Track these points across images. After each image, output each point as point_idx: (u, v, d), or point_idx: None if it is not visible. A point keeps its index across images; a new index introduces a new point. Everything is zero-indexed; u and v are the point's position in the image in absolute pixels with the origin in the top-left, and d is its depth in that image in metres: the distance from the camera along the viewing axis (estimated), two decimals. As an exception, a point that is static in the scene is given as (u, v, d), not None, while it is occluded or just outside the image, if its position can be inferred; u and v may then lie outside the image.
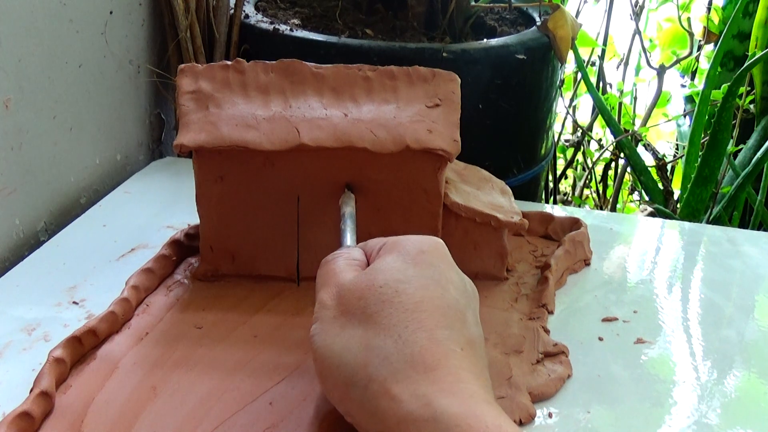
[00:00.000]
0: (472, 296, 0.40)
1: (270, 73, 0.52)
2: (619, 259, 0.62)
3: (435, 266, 0.39)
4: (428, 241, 0.40)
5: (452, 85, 0.53)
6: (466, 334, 0.36)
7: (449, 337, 0.35)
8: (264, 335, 0.48)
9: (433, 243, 0.40)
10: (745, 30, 1.12)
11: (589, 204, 1.40)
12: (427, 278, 0.38)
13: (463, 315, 0.37)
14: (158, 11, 0.77)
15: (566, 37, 0.83)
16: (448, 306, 0.37)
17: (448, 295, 0.37)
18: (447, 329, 0.36)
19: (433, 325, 0.35)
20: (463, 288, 0.39)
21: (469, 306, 0.39)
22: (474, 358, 0.36)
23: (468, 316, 0.38)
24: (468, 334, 0.36)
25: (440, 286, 0.37)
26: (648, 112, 1.23)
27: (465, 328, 0.37)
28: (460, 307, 0.37)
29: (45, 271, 0.55)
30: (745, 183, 0.92)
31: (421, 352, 0.34)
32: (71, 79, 0.64)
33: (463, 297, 0.38)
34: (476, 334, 0.38)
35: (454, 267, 0.40)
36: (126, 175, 0.73)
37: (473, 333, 0.37)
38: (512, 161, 0.85)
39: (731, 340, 0.51)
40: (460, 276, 0.40)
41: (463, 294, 0.38)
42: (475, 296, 0.40)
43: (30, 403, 0.39)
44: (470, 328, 0.37)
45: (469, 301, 0.39)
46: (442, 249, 0.40)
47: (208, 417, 0.41)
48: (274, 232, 0.52)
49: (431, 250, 0.40)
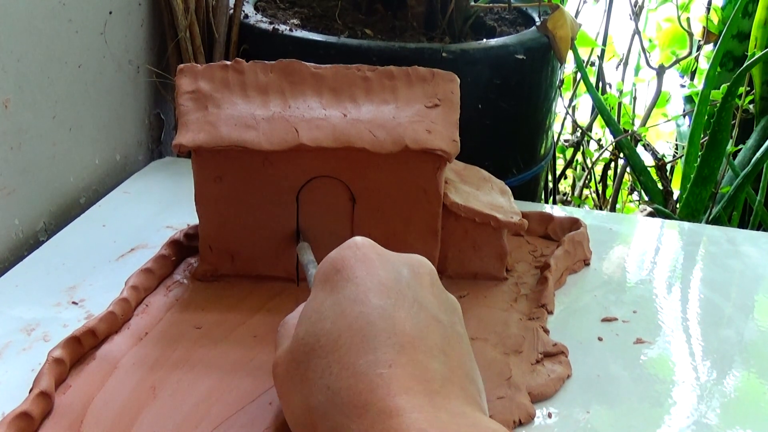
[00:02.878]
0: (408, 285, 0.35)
1: (269, 73, 0.52)
2: (618, 259, 0.62)
3: (351, 280, 0.35)
4: (341, 254, 0.37)
5: (451, 85, 0.53)
6: (395, 341, 0.33)
7: (372, 362, 0.32)
8: (263, 335, 0.48)
9: (347, 252, 0.37)
10: (744, 30, 1.12)
11: (588, 204, 1.40)
12: (343, 302, 0.34)
13: (390, 321, 0.33)
14: (157, 11, 0.77)
15: (566, 37, 0.83)
16: (368, 323, 0.33)
17: (368, 309, 0.34)
18: (369, 353, 0.32)
19: (354, 357, 0.32)
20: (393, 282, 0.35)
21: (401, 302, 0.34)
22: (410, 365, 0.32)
23: (398, 317, 0.34)
24: (399, 338, 0.33)
25: (357, 302, 0.34)
26: (647, 112, 1.23)
27: (393, 335, 0.33)
28: (385, 314, 0.34)
29: (44, 271, 0.55)
30: (744, 183, 0.92)
31: (349, 395, 0.31)
32: (70, 79, 0.64)
33: (390, 297, 0.34)
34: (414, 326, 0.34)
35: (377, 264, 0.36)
36: (125, 175, 0.73)
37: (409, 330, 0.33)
38: (512, 161, 0.85)
39: (731, 340, 0.51)
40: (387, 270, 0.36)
41: (390, 293, 0.35)
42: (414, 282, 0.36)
43: (29, 403, 0.39)
44: (403, 329, 0.33)
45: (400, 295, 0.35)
46: (360, 251, 0.37)
47: (207, 417, 0.41)
48: (273, 232, 0.52)
49: (345, 262, 0.36)
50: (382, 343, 0.33)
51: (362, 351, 0.32)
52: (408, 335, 0.33)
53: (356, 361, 0.32)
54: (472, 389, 0.34)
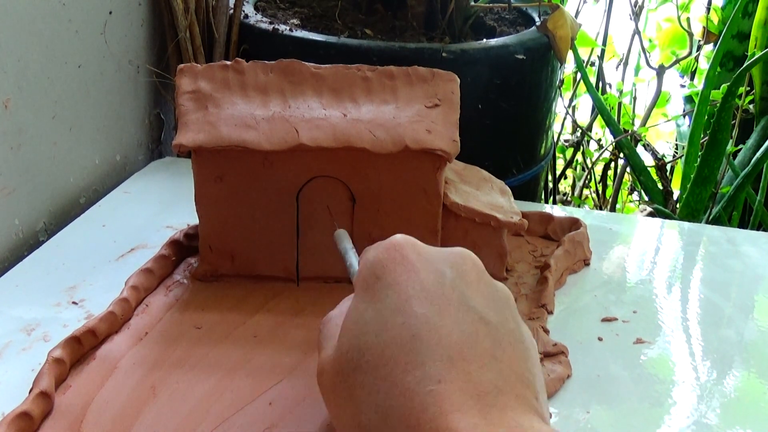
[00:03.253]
0: (452, 286, 0.34)
1: (269, 73, 0.52)
2: (618, 259, 0.62)
3: (391, 287, 0.34)
4: (380, 257, 0.35)
5: (451, 85, 0.53)
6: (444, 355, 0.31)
7: (421, 378, 0.31)
8: (263, 335, 0.48)
9: (385, 255, 0.35)
10: (744, 30, 1.12)
11: (588, 204, 1.40)
12: (384, 312, 0.33)
13: (435, 331, 0.32)
14: (157, 11, 0.77)
15: (566, 37, 0.83)
16: (412, 335, 0.32)
17: (411, 320, 0.32)
18: (417, 368, 0.31)
19: (401, 374, 0.31)
20: (436, 286, 0.34)
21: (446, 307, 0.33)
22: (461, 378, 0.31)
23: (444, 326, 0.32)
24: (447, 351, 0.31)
25: (400, 312, 0.33)
26: (647, 112, 1.23)
27: (440, 347, 0.31)
28: (430, 323, 0.32)
29: (44, 271, 0.55)
30: (744, 183, 0.92)
31: (400, 416, 0.30)
32: (71, 79, 0.64)
33: (435, 302, 0.33)
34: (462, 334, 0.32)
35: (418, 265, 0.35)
36: (125, 175, 0.73)
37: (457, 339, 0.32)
38: (512, 161, 0.85)
39: (730, 340, 0.51)
40: (429, 272, 0.34)
41: (434, 298, 0.33)
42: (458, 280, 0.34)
43: (29, 403, 0.39)
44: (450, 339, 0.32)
45: (445, 298, 0.33)
46: (399, 253, 0.35)
47: (207, 417, 0.41)
48: (273, 232, 0.52)
49: (384, 266, 0.35)
50: (429, 356, 0.31)
51: (409, 366, 0.31)
52: (455, 345, 0.32)
53: (404, 378, 0.31)
54: (528, 394, 0.32)
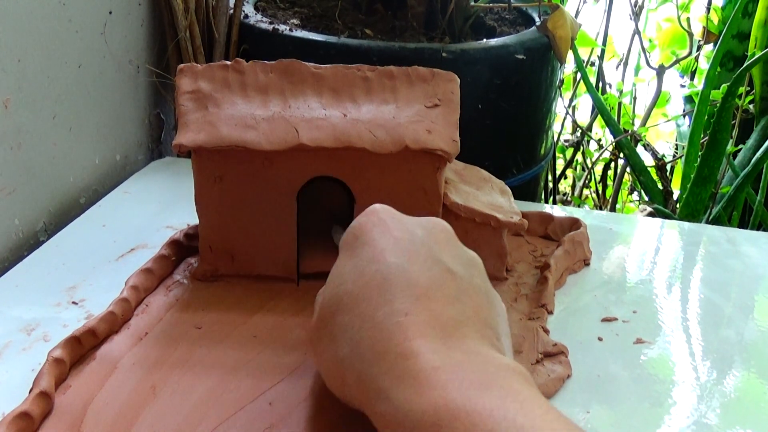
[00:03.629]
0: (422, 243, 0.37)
1: (269, 73, 0.52)
2: (618, 259, 0.62)
3: (368, 243, 0.38)
4: (360, 221, 0.39)
5: (451, 85, 0.53)
6: (410, 293, 0.35)
7: (390, 312, 0.34)
8: (263, 335, 0.48)
9: (364, 219, 0.39)
10: (744, 30, 1.12)
11: (588, 204, 1.40)
12: (360, 264, 0.37)
13: (405, 276, 0.35)
14: (158, 11, 0.77)
15: (566, 37, 0.83)
16: (384, 278, 0.35)
17: (383, 267, 0.36)
18: (386, 305, 0.34)
19: (372, 310, 0.35)
20: (407, 242, 0.37)
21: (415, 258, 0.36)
22: (426, 312, 0.34)
23: (412, 272, 0.35)
24: (413, 290, 0.35)
25: (374, 261, 0.36)
26: (647, 112, 1.23)
27: (408, 288, 0.35)
28: (400, 269, 0.36)
29: (44, 271, 0.55)
30: (744, 183, 0.92)
31: (370, 345, 0.34)
32: (71, 79, 0.64)
33: (404, 255, 0.36)
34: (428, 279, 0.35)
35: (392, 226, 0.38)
36: (125, 175, 0.73)
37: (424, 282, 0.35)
38: (512, 161, 0.85)
39: (731, 340, 0.51)
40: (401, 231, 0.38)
41: (403, 252, 0.37)
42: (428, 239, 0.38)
43: (29, 403, 0.39)
44: (417, 282, 0.35)
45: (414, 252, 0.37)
46: (377, 216, 0.39)
47: (207, 417, 0.41)
48: (273, 232, 0.52)
49: (363, 227, 0.39)
50: (398, 295, 0.35)
51: (380, 304, 0.35)
52: (422, 287, 0.35)
53: (375, 314, 0.34)
54: (489, 333, 0.35)
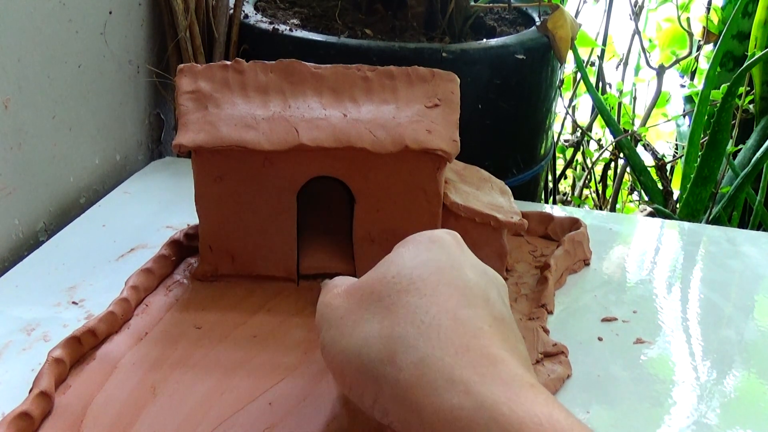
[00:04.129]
0: (494, 280, 0.38)
1: (269, 73, 0.52)
2: (618, 259, 0.62)
3: (448, 251, 0.37)
4: (438, 232, 0.39)
5: (451, 85, 0.53)
6: (491, 312, 0.34)
7: (474, 316, 0.33)
8: (263, 335, 0.48)
9: (444, 233, 0.39)
10: (744, 30, 1.12)
11: (588, 204, 1.40)
12: (441, 262, 0.36)
13: (485, 294, 0.35)
14: (158, 11, 0.77)
15: (566, 37, 0.83)
16: (466, 286, 0.35)
17: (466, 277, 0.36)
18: (469, 308, 0.34)
19: (454, 305, 0.34)
20: (482, 271, 0.38)
21: (491, 287, 0.37)
22: (504, 335, 0.34)
23: (491, 295, 0.36)
24: (494, 311, 0.35)
25: (455, 269, 0.36)
26: (647, 112, 1.23)
27: (489, 306, 0.35)
28: (481, 286, 0.36)
29: (44, 271, 0.55)
30: (744, 183, 0.92)
31: (448, 334, 0.32)
32: (70, 79, 0.64)
33: (483, 278, 0.37)
34: (504, 312, 0.36)
35: (470, 253, 0.39)
36: (125, 175, 0.73)
37: (500, 311, 0.35)
38: (512, 161, 0.85)
39: (731, 340, 0.51)
40: (477, 262, 0.38)
41: (482, 275, 0.37)
42: (497, 281, 0.38)
43: (29, 403, 0.39)
44: (495, 306, 0.35)
45: (491, 282, 0.37)
46: (454, 238, 0.39)
47: (207, 417, 0.41)
48: (273, 232, 0.52)
49: (442, 238, 0.38)
50: (480, 307, 0.34)
51: (463, 305, 0.34)
52: (499, 314, 0.35)
53: (458, 310, 0.33)
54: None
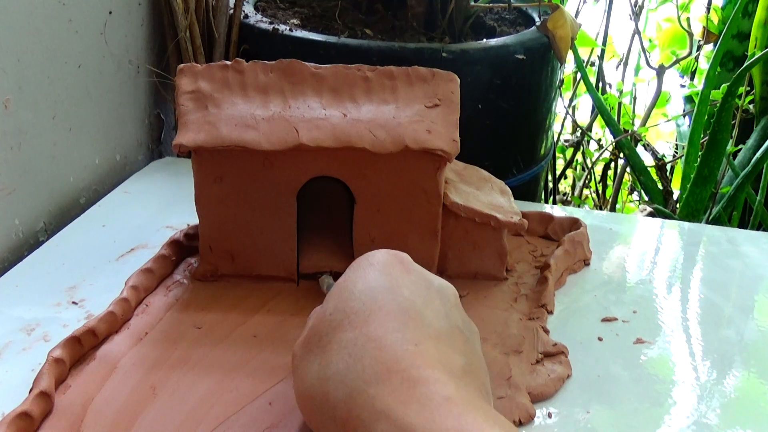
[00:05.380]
0: (437, 293, 0.38)
1: (269, 73, 0.52)
2: (618, 260, 0.62)
3: (386, 273, 0.37)
4: (377, 254, 0.39)
5: (451, 85, 0.53)
6: (423, 331, 0.34)
7: (400, 339, 0.34)
8: (263, 335, 0.48)
9: (384, 253, 0.39)
10: (744, 30, 1.12)
11: (588, 204, 1.40)
12: (376, 288, 0.36)
13: (419, 314, 0.35)
14: (158, 11, 0.77)
15: (566, 37, 0.83)
16: (399, 309, 0.35)
17: (400, 299, 0.36)
18: (398, 331, 0.34)
19: (382, 333, 0.34)
20: (423, 287, 0.38)
21: (431, 301, 0.37)
22: (435, 350, 0.34)
23: (426, 314, 0.36)
24: (427, 330, 0.35)
25: (390, 291, 0.36)
26: (647, 112, 1.23)
27: (422, 326, 0.35)
28: (415, 307, 0.36)
29: (44, 271, 0.55)
30: (744, 183, 0.92)
31: (372, 363, 0.33)
32: (70, 79, 0.64)
33: (421, 296, 0.37)
34: (444, 324, 0.36)
35: (412, 271, 0.38)
36: (125, 175, 0.73)
37: (437, 327, 0.35)
38: (512, 161, 0.85)
39: (731, 340, 0.51)
40: (419, 276, 0.38)
41: (420, 293, 0.37)
42: (443, 291, 0.38)
43: (29, 403, 0.39)
44: (431, 324, 0.35)
45: (429, 297, 0.37)
46: (395, 256, 0.39)
47: (207, 417, 0.41)
48: (273, 232, 0.52)
49: (380, 260, 0.38)
50: (411, 327, 0.34)
51: (391, 329, 0.34)
52: (434, 330, 0.35)
53: (384, 336, 0.34)
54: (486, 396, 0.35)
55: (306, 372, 0.36)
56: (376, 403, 0.31)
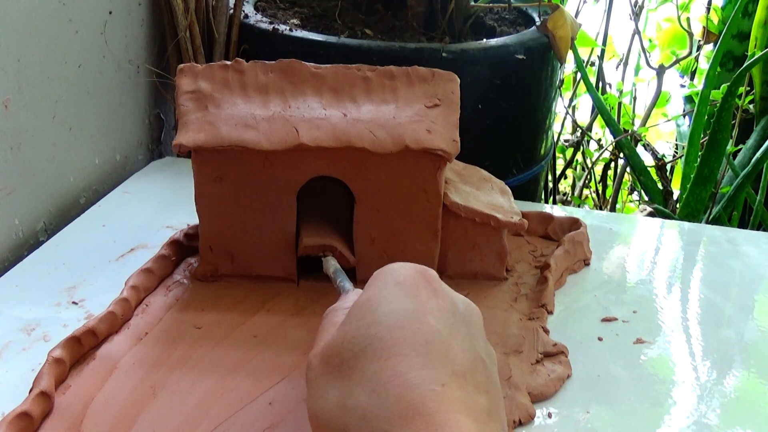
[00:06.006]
0: (463, 320, 0.37)
1: (269, 73, 0.52)
2: (618, 259, 0.62)
3: (412, 297, 0.36)
4: (406, 271, 0.38)
5: (451, 85, 0.53)
6: (449, 368, 0.34)
7: (426, 378, 0.33)
8: (263, 335, 0.48)
9: (412, 272, 0.38)
10: (744, 30, 1.12)
11: (588, 204, 1.40)
12: (402, 313, 0.35)
13: (445, 346, 0.34)
14: (158, 11, 0.77)
15: (566, 37, 0.83)
16: (426, 341, 0.34)
17: (426, 328, 0.35)
18: (424, 369, 0.33)
19: (407, 368, 0.33)
20: (450, 314, 0.36)
21: (458, 330, 0.36)
22: (460, 391, 0.33)
23: (452, 346, 0.35)
24: (452, 366, 0.34)
25: (417, 319, 0.35)
26: (647, 112, 1.23)
27: (447, 360, 0.34)
28: (441, 338, 0.35)
29: (44, 271, 0.55)
30: (744, 183, 0.92)
31: (396, 403, 0.32)
32: (70, 79, 0.64)
33: (447, 325, 0.35)
34: (467, 357, 0.35)
35: (439, 292, 0.37)
36: (125, 175, 0.73)
37: (461, 361, 0.34)
38: (512, 161, 0.85)
39: (731, 340, 0.51)
40: (446, 301, 0.37)
41: (447, 321, 0.36)
42: (470, 317, 0.37)
43: (29, 403, 0.39)
44: (456, 358, 0.34)
45: (456, 327, 0.36)
46: (423, 275, 0.38)
47: (207, 417, 0.41)
48: (273, 232, 0.52)
49: (408, 279, 0.37)
50: (437, 363, 0.33)
51: (417, 365, 0.33)
52: (459, 365, 0.34)
53: (409, 372, 0.33)
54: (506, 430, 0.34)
55: (324, 395, 0.35)
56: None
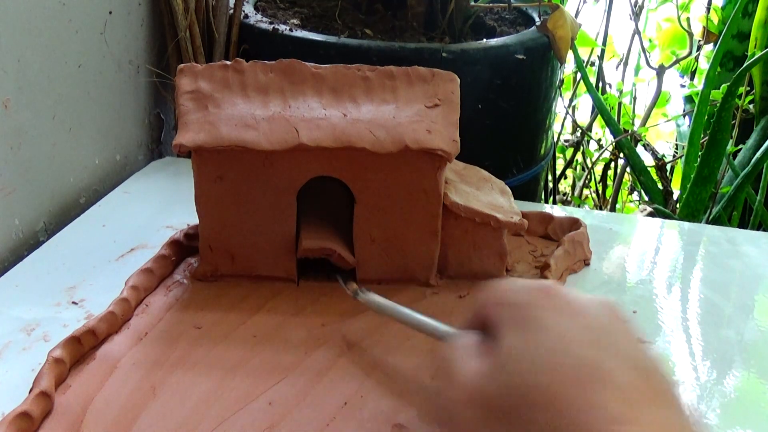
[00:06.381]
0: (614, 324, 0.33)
1: (269, 73, 0.52)
2: (618, 259, 0.62)
3: (598, 339, 0.32)
4: (590, 304, 0.33)
5: (451, 86, 0.53)
6: (618, 394, 0.29)
7: (603, 419, 0.28)
8: (263, 335, 0.48)
9: (598, 304, 0.33)
10: (744, 30, 1.12)
11: (588, 204, 1.40)
12: (584, 362, 0.30)
13: (600, 369, 0.30)
14: (158, 11, 0.77)
15: (566, 37, 0.83)
16: (576, 375, 0.30)
17: (574, 360, 0.30)
18: (594, 409, 0.29)
19: (574, 413, 0.29)
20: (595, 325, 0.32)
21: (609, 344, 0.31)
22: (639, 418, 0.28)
23: (608, 366, 0.30)
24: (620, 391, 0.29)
25: (566, 354, 0.31)
26: (647, 112, 1.23)
27: (614, 388, 0.29)
28: (595, 361, 0.30)
29: (44, 271, 0.55)
30: (744, 183, 0.92)
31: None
32: (70, 79, 0.64)
33: (597, 343, 0.31)
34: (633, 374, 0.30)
35: (578, 307, 0.33)
36: (125, 175, 0.73)
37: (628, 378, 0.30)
38: (512, 161, 0.85)
39: (731, 340, 0.51)
40: (588, 311, 0.33)
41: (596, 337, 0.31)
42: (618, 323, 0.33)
43: (29, 403, 0.39)
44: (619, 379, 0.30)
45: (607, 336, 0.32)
46: (611, 313, 0.33)
47: (207, 417, 0.41)
48: (273, 233, 0.52)
49: (592, 314, 0.33)
50: (608, 398, 0.29)
51: (584, 406, 0.29)
52: (626, 388, 0.30)
53: (579, 416, 0.29)
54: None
55: None
56: None
